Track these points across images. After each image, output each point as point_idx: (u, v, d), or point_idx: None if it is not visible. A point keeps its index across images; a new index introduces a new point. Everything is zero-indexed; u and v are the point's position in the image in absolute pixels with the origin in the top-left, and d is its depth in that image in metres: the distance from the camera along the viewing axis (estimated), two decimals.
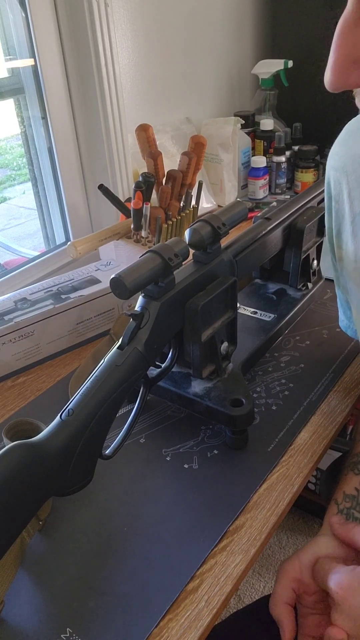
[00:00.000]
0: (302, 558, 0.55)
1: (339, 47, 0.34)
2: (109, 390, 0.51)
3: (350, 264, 0.60)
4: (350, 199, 0.57)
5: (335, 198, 0.60)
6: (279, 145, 1.33)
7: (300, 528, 1.45)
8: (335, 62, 0.35)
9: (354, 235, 0.58)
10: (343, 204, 0.59)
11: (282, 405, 0.70)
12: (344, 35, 0.34)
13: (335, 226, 0.61)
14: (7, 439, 0.60)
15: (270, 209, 0.80)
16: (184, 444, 0.65)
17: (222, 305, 0.64)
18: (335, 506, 0.58)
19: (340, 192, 0.58)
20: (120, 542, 0.55)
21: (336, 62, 0.35)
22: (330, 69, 0.35)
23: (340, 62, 0.35)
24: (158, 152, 1.00)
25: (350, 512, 0.57)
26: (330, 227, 0.62)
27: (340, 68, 0.35)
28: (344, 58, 0.34)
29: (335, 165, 0.59)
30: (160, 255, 0.55)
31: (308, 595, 0.54)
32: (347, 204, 0.58)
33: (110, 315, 0.87)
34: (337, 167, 0.59)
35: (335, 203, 0.60)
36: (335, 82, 0.35)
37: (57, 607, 0.49)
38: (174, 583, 0.51)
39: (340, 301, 0.71)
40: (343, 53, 0.34)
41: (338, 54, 0.35)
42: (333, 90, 0.36)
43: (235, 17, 1.37)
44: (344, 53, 0.34)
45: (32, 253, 1.26)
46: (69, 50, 1.02)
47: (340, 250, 0.62)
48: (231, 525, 0.56)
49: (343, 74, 0.35)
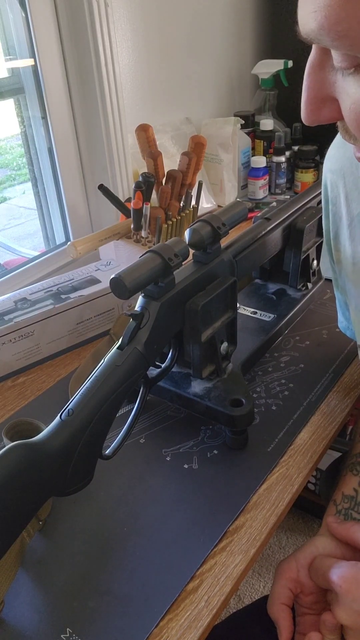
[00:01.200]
0: (299, 558, 0.56)
1: (308, 87, 0.37)
2: (109, 390, 0.51)
3: (349, 266, 0.60)
4: (348, 202, 0.57)
5: (333, 201, 0.60)
6: (279, 146, 1.33)
7: (300, 528, 1.45)
8: (306, 101, 0.38)
9: (352, 238, 0.58)
10: (340, 207, 0.59)
11: (282, 405, 0.70)
12: (311, 77, 0.37)
13: (333, 229, 0.61)
14: (7, 439, 0.60)
15: (270, 209, 0.80)
16: (184, 444, 0.65)
17: (222, 305, 0.64)
18: (334, 507, 0.59)
19: (338, 194, 0.59)
20: (120, 542, 0.55)
21: (307, 101, 0.38)
22: (303, 106, 0.38)
23: (310, 101, 0.37)
24: (158, 152, 1.00)
25: (349, 513, 0.57)
26: (328, 229, 0.62)
27: (311, 107, 0.38)
28: (314, 97, 0.37)
29: (332, 168, 0.59)
30: (160, 255, 0.55)
31: (305, 595, 0.55)
32: (344, 207, 0.58)
33: (110, 315, 0.87)
34: (334, 170, 0.59)
35: (333, 206, 0.60)
36: (309, 118, 0.38)
37: (57, 607, 0.50)
38: (174, 583, 0.51)
39: (339, 302, 0.71)
40: (312, 93, 0.37)
41: (308, 94, 0.37)
42: (309, 124, 0.39)
43: (235, 17, 1.37)
44: (313, 93, 0.37)
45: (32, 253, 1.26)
46: (69, 50, 1.02)
47: (338, 253, 0.62)
48: (231, 526, 0.56)
49: (314, 111, 0.38)
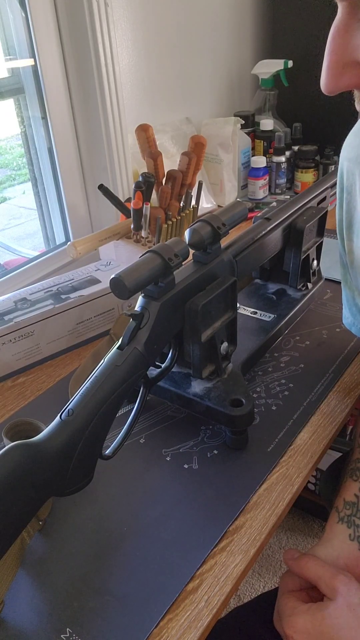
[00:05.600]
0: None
1: (331, 51, 0.37)
2: (109, 391, 0.51)
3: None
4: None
5: (348, 189, 0.59)
6: (279, 146, 1.34)
7: (300, 528, 1.45)
8: (328, 66, 0.37)
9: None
10: (355, 196, 0.58)
11: (282, 405, 0.70)
12: (336, 40, 0.36)
13: (347, 218, 0.60)
14: (7, 439, 0.60)
15: (270, 209, 0.80)
16: (183, 444, 0.65)
17: (222, 306, 0.64)
18: (336, 514, 0.58)
19: (353, 183, 0.57)
20: (120, 542, 0.55)
21: (329, 66, 0.37)
22: (324, 72, 0.37)
23: (332, 66, 0.37)
24: (158, 152, 1.00)
25: (352, 520, 0.57)
26: (341, 219, 0.61)
27: (332, 71, 0.37)
28: (336, 61, 0.37)
29: (348, 156, 0.58)
30: (160, 255, 0.55)
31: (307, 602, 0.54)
32: (359, 196, 0.57)
33: (110, 315, 0.87)
34: (350, 158, 0.58)
35: (347, 194, 0.59)
36: (329, 85, 0.38)
37: (57, 607, 0.49)
38: (173, 583, 0.51)
39: (347, 297, 0.69)
40: (335, 57, 0.36)
41: (330, 58, 0.37)
42: (328, 93, 0.38)
43: (235, 17, 1.37)
44: (336, 57, 0.36)
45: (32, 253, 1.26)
46: (69, 50, 1.02)
47: (350, 243, 0.61)
48: (231, 526, 0.56)
49: (336, 76, 0.37)
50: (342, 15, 0.36)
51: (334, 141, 1.38)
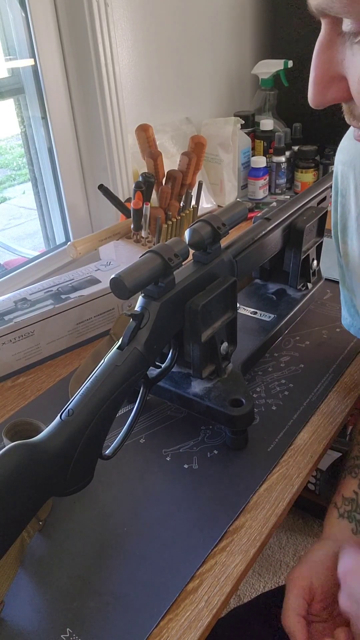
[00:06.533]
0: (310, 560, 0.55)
1: (316, 66, 0.37)
2: (109, 391, 0.51)
3: (355, 259, 0.60)
4: (357, 194, 0.57)
5: (342, 192, 0.59)
6: (279, 146, 1.33)
7: (300, 528, 1.45)
8: (314, 81, 0.38)
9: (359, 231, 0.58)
10: (349, 199, 0.58)
11: (282, 405, 0.70)
12: (320, 55, 0.37)
13: (341, 221, 0.61)
14: (7, 439, 0.60)
15: (270, 209, 0.80)
16: (184, 444, 0.65)
17: (222, 306, 0.64)
18: (336, 510, 0.58)
19: (347, 186, 0.58)
20: (120, 542, 0.55)
21: (315, 81, 0.38)
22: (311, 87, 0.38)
23: (318, 80, 0.37)
24: (158, 152, 1.00)
25: (352, 515, 0.57)
26: (336, 221, 0.61)
27: (318, 86, 0.38)
28: (322, 76, 0.37)
29: (343, 159, 0.59)
30: (160, 256, 0.55)
31: (315, 602, 0.54)
32: (353, 199, 0.58)
33: (110, 315, 0.87)
34: (344, 162, 0.58)
35: (342, 198, 0.59)
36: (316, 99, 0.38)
37: (57, 607, 0.50)
38: (173, 583, 0.51)
39: (345, 298, 0.70)
40: (320, 72, 0.37)
41: (316, 73, 0.37)
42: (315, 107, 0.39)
43: (235, 17, 1.37)
44: (321, 72, 0.37)
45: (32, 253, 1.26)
46: (69, 50, 1.02)
47: (345, 246, 0.61)
48: (231, 526, 0.56)
49: (322, 91, 0.38)
50: (325, 31, 0.37)
51: (334, 141, 1.37)
